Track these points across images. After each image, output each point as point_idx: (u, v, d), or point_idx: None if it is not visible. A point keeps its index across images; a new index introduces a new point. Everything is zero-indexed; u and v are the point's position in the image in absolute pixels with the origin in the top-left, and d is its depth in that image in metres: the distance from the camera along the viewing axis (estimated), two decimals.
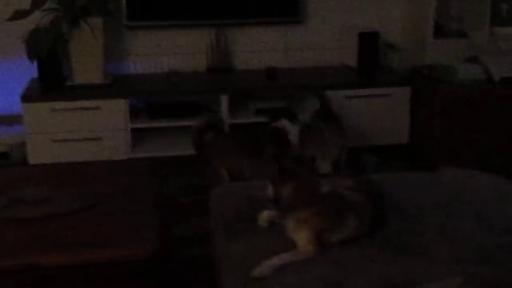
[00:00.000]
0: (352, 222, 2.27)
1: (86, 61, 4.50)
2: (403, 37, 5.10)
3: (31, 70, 4.58)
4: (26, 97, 4.32)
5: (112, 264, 2.23)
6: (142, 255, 2.20)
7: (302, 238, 2.21)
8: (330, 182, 2.36)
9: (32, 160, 4.35)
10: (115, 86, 4.58)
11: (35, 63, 4.50)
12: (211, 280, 2.75)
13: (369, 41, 4.86)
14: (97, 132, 4.39)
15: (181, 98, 4.69)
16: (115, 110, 4.39)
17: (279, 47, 5.04)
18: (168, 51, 4.92)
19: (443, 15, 4.95)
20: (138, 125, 4.51)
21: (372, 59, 4.87)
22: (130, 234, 2.32)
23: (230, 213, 2.55)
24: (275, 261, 2.14)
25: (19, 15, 4.29)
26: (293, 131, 3.98)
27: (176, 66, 4.87)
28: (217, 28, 4.88)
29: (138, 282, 2.25)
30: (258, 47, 5.01)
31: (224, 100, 4.50)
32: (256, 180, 3.55)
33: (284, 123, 3.99)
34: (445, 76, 4.53)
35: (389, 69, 4.99)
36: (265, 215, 2.40)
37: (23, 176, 2.98)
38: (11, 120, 4.61)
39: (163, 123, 4.58)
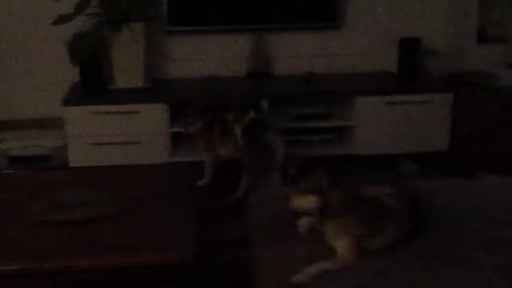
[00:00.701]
0: (392, 229, 2.24)
1: (127, 65, 4.54)
2: (444, 43, 5.05)
3: (73, 74, 4.64)
4: (68, 101, 4.38)
5: (149, 269, 2.23)
6: (179, 260, 2.20)
7: (342, 245, 2.20)
8: (370, 188, 2.34)
9: (73, 163, 4.41)
10: (155, 90, 4.62)
11: (77, 67, 4.56)
12: (248, 285, 2.75)
13: (410, 47, 4.82)
14: (137, 135, 4.43)
15: (220, 103, 4.70)
16: (155, 114, 4.42)
17: (319, 52, 5.02)
18: (208, 56, 4.94)
19: (485, 21, 4.88)
20: (177, 130, 4.53)
21: (412, 65, 4.84)
22: (168, 238, 2.32)
23: (269, 219, 2.54)
24: (315, 268, 2.13)
25: (62, 19, 4.34)
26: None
27: (216, 71, 4.89)
28: (257, 33, 4.89)
29: (174, 286, 2.25)
30: (297, 52, 5.00)
31: (263, 106, 4.50)
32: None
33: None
34: (487, 82, 4.47)
35: (430, 75, 4.95)
36: (304, 221, 2.39)
37: (63, 179, 3.01)
38: (53, 123, 4.67)
39: None
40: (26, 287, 2.23)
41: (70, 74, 4.67)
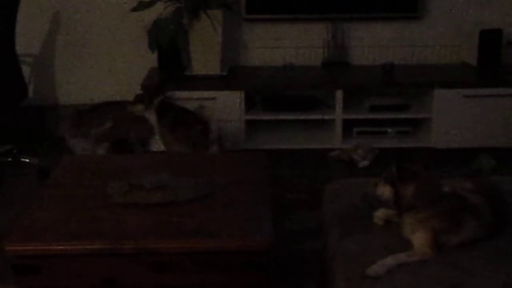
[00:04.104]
0: (472, 225, 2.21)
1: (204, 52, 4.59)
2: None
3: (151, 60, 4.71)
4: (146, 87, 4.44)
5: (227, 254, 2.26)
6: (258, 246, 2.22)
7: (419, 238, 2.17)
8: (451, 183, 2.31)
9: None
10: (232, 77, 4.65)
11: (156, 53, 4.63)
12: (320, 275, 2.75)
13: (490, 39, 4.71)
14: None
15: (296, 91, 4.71)
16: (231, 101, 4.45)
17: (397, 43, 4.95)
18: (285, 44, 4.94)
19: None
20: (253, 117, 4.56)
21: (493, 57, 4.72)
22: (246, 225, 2.34)
23: (345, 209, 2.54)
24: (391, 260, 2.11)
25: (143, 6, 4.42)
26: None
27: (292, 59, 4.89)
28: (335, 22, 4.86)
29: (251, 273, 2.27)
30: (375, 42, 4.94)
31: (339, 95, 4.48)
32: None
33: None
34: None
35: (511, 68, 4.82)
36: (381, 213, 2.37)
37: (142, 162, 3.06)
38: None
39: (277, 116, 4.61)
40: (105, 267, 2.29)
41: (149, 59, 4.74)
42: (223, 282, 2.28)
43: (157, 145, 4.16)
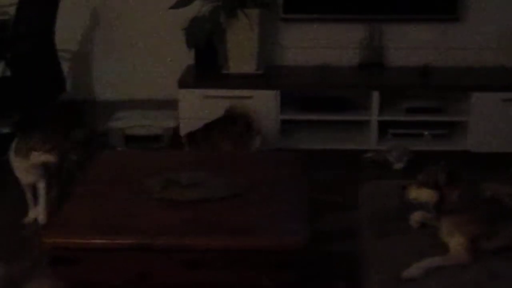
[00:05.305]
0: (510, 230, 2.18)
1: (241, 51, 4.60)
2: None
3: (188, 57, 4.74)
4: (182, 83, 4.47)
5: (260, 253, 2.26)
6: (291, 246, 2.22)
7: (456, 242, 2.15)
8: (490, 187, 2.29)
9: None
10: (268, 77, 4.65)
11: (193, 51, 4.66)
12: (351, 277, 2.74)
13: None
14: None
15: (331, 92, 4.69)
16: (267, 100, 4.45)
17: (435, 45, 4.91)
18: (321, 44, 4.92)
19: None
20: (288, 117, 4.55)
21: None
22: (280, 224, 2.34)
23: (380, 211, 2.52)
24: (426, 263, 2.10)
25: (181, 4, 4.45)
26: None
27: (328, 60, 4.87)
28: (372, 23, 4.84)
29: (282, 272, 2.27)
30: (413, 44, 4.90)
31: (375, 97, 4.45)
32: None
33: None
34: None
35: None
36: (416, 216, 2.36)
37: (177, 159, 3.08)
38: (170, 104, 4.77)
39: (312, 116, 4.60)
40: (139, 262, 2.31)
41: (186, 57, 4.76)
42: (254, 280, 2.29)
43: None
